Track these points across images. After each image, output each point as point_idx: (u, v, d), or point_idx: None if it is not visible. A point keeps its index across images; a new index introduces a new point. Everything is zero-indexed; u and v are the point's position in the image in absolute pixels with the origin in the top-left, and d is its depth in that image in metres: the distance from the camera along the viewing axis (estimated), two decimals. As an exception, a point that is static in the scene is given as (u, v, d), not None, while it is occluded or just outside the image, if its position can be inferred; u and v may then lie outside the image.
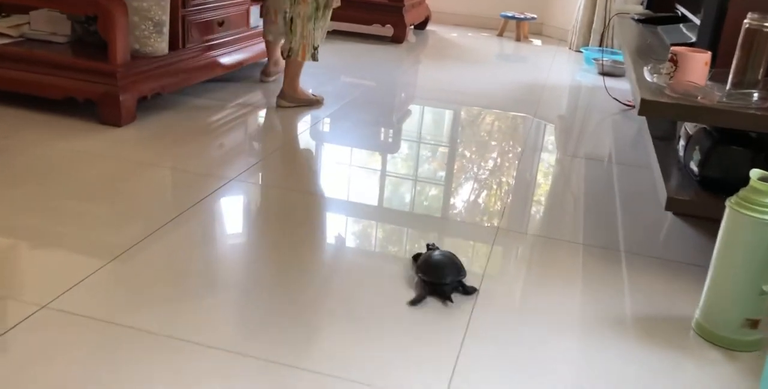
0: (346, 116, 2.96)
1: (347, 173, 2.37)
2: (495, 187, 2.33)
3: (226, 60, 3.11)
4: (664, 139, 2.23)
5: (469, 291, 1.63)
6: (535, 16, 5.23)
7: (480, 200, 2.21)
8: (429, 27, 5.38)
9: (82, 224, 1.80)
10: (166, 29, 2.67)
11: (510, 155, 2.64)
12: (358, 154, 2.55)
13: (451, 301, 1.58)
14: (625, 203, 2.24)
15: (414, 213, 2.08)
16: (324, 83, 3.47)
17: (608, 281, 1.74)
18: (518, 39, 5.16)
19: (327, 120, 2.88)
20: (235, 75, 3.38)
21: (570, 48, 4.95)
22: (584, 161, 2.61)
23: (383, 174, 2.38)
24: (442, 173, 2.43)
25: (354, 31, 4.93)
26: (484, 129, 3.00)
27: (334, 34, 4.80)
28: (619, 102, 3.49)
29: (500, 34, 5.31)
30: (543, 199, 2.27)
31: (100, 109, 2.52)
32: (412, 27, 5.24)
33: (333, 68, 3.80)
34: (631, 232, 2.03)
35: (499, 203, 2.20)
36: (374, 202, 2.13)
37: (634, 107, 3.44)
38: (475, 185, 2.33)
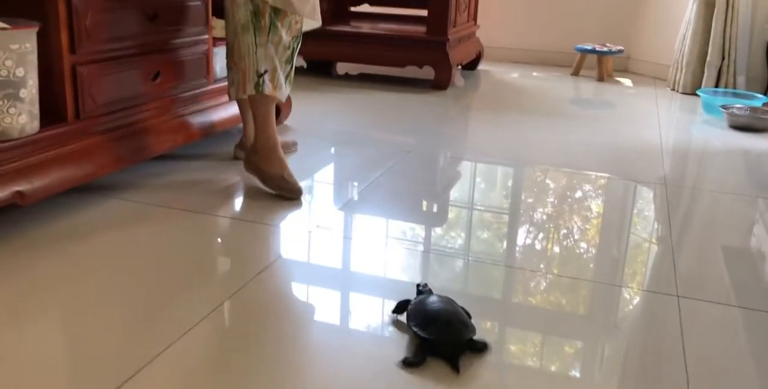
0: (377, 208, 1.77)
1: None
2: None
3: (165, 136, 1.97)
4: None
5: (479, 348, 1.21)
6: (622, 48, 4.00)
7: None
8: (481, 66, 4.19)
9: None
10: (27, 93, 1.53)
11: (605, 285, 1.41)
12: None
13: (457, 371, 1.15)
14: None
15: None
16: (341, 153, 2.30)
17: None
18: (600, 78, 3.93)
19: (336, 225, 1.69)
20: (195, 149, 2.24)
21: (674, 89, 3.69)
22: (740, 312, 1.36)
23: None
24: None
25: (382, 73, 3.79)
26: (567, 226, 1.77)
27: (354, 80, 3.66)
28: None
29: (576, 73, 4.08)
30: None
31: None
32: (460, 67, 4.06)
33: (354, 125, 2.63)
34: None
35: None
36: None
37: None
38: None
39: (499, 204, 2.02)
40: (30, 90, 1.53)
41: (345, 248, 1.64)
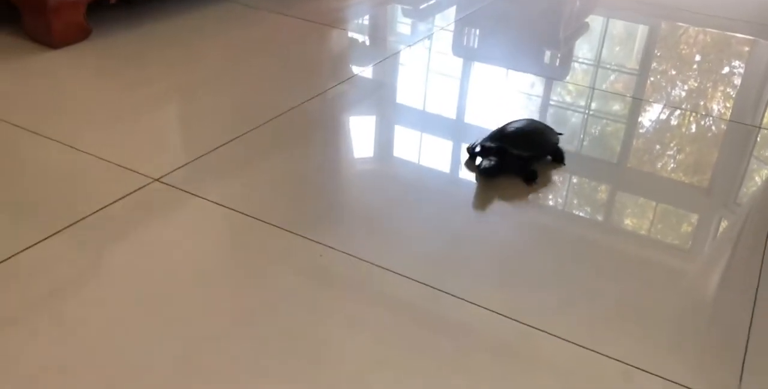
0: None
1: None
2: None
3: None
4: None
5: (560, 158, 1.26)
6: None
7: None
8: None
9: None
10: None
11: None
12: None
13: (534, 181, 1.19)
14: None
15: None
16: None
17: None
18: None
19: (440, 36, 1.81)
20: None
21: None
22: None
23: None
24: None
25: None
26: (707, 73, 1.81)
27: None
28: None
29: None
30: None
31: (24, 18, 1.63)
32: None
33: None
34: None
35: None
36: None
37: None
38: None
39: (623, 54, 2.05)
40: None
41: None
